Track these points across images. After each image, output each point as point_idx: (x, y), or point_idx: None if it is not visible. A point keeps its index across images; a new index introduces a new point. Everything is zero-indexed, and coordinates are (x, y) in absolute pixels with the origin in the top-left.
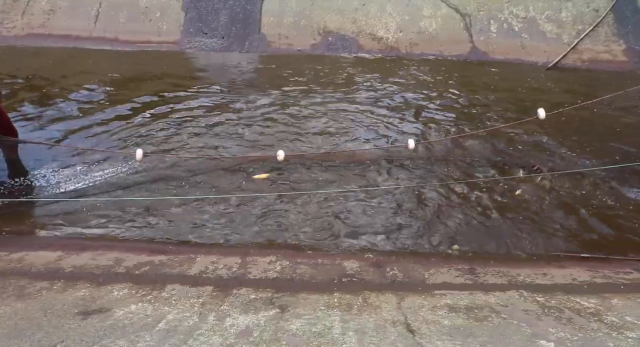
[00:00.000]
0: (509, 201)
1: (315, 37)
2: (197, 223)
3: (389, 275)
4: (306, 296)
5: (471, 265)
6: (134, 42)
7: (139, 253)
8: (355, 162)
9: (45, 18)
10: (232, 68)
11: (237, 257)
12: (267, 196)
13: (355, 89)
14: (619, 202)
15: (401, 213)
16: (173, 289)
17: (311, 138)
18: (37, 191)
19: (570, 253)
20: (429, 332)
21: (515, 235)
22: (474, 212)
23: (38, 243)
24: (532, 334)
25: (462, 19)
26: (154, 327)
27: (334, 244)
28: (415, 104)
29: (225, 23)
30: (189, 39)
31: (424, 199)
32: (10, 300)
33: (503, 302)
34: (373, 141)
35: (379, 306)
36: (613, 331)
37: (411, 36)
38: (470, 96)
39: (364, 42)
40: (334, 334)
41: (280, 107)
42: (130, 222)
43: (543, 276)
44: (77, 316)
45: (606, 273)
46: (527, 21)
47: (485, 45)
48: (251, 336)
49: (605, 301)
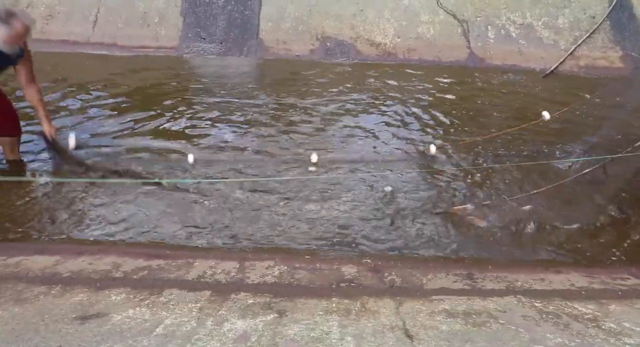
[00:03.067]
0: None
1: (313, 43)
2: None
3: (387, 280)
4: (304, 301)
5: (469, 270)
6: (132, 47)
7: (137, 258)
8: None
9: (43, 23)
10: (230, 73)
11: (235, 261)
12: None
13: (353, 95)
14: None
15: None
16: (171, 294)
17: (310, 141)
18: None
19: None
20: (427, 338)
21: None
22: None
23: (35, 248)
24: (530, 340)
25: (459, 24)
26: (152, 332)
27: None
28: (412, 110)
29: (223, 28)
30: (187, 44)
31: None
32: (7, 305)
33: (501, 308)
34: (373, 147)
35: (377, 311)
36: (611, 337)
37: (409, 42)
38: (469, 101)
39: (361, 48)
40: (332, 339)
41: (277, 111)
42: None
43: (541, 282)
44: (75, 320)
45: (604, 279)
46: (524, 27)
47: (482, 51)
48: (249, 340)
49: (603, 306)
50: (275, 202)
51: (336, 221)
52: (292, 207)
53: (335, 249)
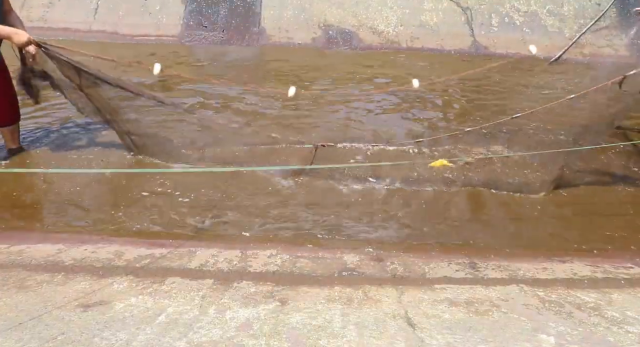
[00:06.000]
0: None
1: (315, 31)
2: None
3: (390, 269)
4: (306, 289)
5: (472, 259)
6: (134, 35)
7: (139, 246)
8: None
9: (44, 11)
10: (232, 61)
11: (238, 250)
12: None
13: (355, 83)
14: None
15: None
16: (173, 282)
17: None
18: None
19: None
20: (429, 326)
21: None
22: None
23: (38, 236)
24: (532, 328)
25: (463, 12)
26: (154, 320)
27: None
28: (415, 99)
29: (225, 16)
30: (189, 33)
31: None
32: (10, 292)
33: (503, 297)
34: (374, 136)
35: (380, 300)
36: (613, 325)
37: (412, 30)
38: (471, 90)
39: (364, 36)
40: (334, 327)
41: (279, 100)
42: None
43: (543, 270)
44: (78, 308)
45: (606, 268)
46: (529, 15)
47: (486, 39)
48: (251, 328)
49: (605, 295)
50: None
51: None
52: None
53: (337, 238)
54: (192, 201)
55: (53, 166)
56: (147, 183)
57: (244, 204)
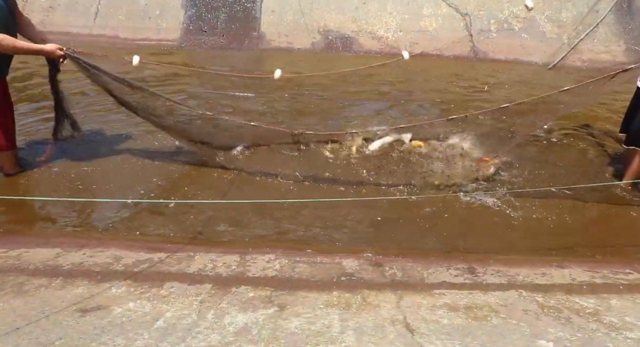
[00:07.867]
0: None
1: (315, 36)
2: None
3: (388, 274)
4: (305, 294)
5: (470, 264)
6: (134, 39)
7: (138, 251)
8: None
9: (44, 15)
10: (231, 66)
11: (236, 255)
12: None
13: (353, 88)
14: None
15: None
16: (172, 287)
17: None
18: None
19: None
20: (428, 332)
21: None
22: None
23: (36, 240)
24: (531, 334)
25: (462, 18)
26: (152, 325)
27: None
28: (414, 103)
29: (225, 21)
30: (188, 37)
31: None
32: (8, 297)
33: (502, 302)
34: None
35: (378, 305)
36: (612, 331)
37: (411, 35)
38: (471, 95)
39: (364, 41)
40: (333, 332)
41: (277, 102)
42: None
43: (542, 276)
44: (76, 313)
45: (605, 273)
46: (527, 21)
47: (485, 44)
48: (250, 334)
49: (604, 301)
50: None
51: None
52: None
53: (336, 243)
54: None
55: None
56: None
57: (244, 207)
